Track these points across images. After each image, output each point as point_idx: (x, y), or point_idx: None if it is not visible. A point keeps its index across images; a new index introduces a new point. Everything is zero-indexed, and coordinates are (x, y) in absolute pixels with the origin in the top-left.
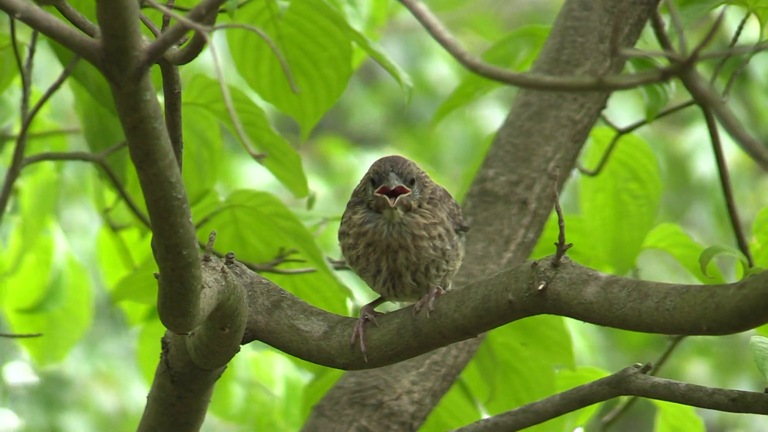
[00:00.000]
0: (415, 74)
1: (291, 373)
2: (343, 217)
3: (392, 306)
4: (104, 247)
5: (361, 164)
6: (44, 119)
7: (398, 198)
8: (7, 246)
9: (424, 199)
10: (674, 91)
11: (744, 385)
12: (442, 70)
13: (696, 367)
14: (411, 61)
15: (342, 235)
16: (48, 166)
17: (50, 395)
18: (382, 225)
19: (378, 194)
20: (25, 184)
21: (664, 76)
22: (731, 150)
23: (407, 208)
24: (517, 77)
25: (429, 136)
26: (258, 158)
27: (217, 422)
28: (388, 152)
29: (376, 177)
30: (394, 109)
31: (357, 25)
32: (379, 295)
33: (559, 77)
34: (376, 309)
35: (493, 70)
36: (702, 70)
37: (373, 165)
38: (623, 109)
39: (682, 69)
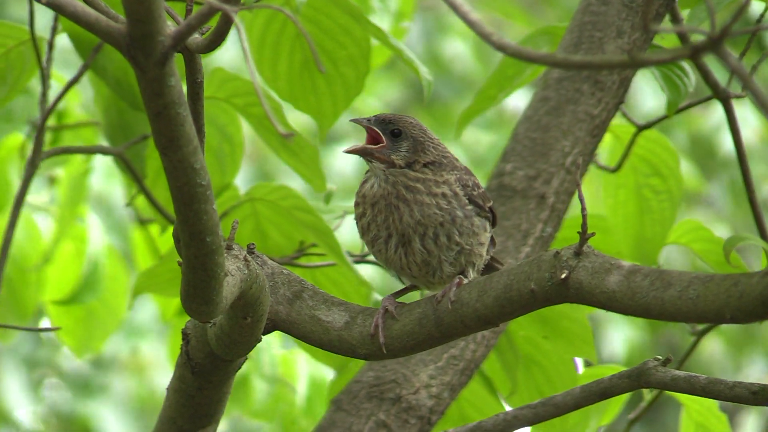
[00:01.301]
0: (431, 52)
1: (315, 371)
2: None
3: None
4: (138, 239)
5: None
6: (76, 111)
7: (358, 146)
8: (46, 237)
9: (420, 161)
10: (694, 85)
11: (759, 362)
12: (458, 48)
13: (711, 344)
14: (428, 38)
15: (355, 207)
16: (80, 156)
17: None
18: (373, 180)
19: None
20: (62, 173)
21: (695, 52)
22: (757, 125)
23: (389, 164)
24: (545, 57)
25: (448, 116)
26: (286, 137)
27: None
28: None
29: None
30: (413, 89)
31: (385, 20)
32: (402, 286)
33: (588, 55)
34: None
35: (521, 50)
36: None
37: None
38: (643, 106)
39: (713, 44)
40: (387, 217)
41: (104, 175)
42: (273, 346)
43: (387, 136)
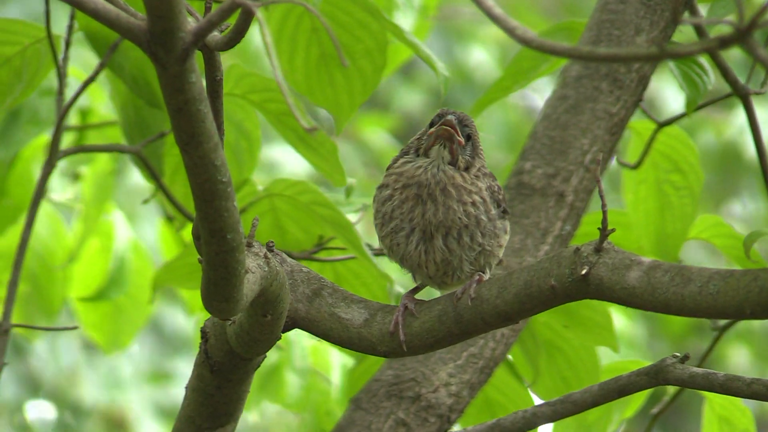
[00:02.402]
0: (452, 62)
1: (347, 361)
2: (385, 176)
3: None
4: (165, 235)
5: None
6: (101, 110)
7: (450, 130)
8: (72, 234)
9: (473, 166)
10: (713, 83)
11: None
12: (480, 57)
13: (737, 354)
14: (448, 49)
15: (381, 189)
16: (105, 154)
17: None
18: (423, 163)
19: (433, 131)
20: (86, 171)
21: (724, 43)
22: None
23: (454, 160)
24: (570, 50)
25: (473, 107)
26: (309, 131)
27: (272, 410)
28: None
29: (436, 119)
30: (434, 95)
31: (410, 15)
32: (416, 285)
33: (611, 47)
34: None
35: (545, 43)
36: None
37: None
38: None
39: (741, 36)
40: (413, 207)
41: (133, 170)
42: (303, 338)
43: (463, 137)
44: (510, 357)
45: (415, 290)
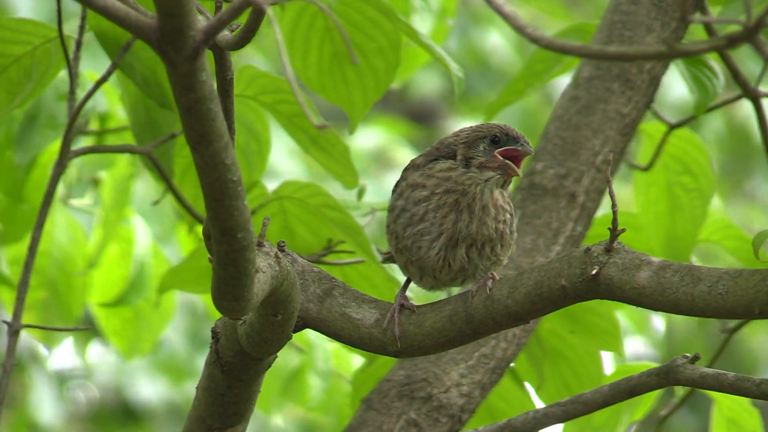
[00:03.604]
0: (468, 45)
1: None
2: (411, 171)
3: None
4: (184, 238)
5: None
6: (119, 115)
7: (515, 167)
8: (92, 239)
9: (509, 182)
10: (723, 85)
11: None
12: (495, 41)
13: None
14: (463, 32)
15: (414, 188)
16: (124, 159)
17: None
18: (475, 175)
19: (500, 155)
20: (105, 176)
21: (731, 42)
22: None
23: (506, 185)
24: (579, 48)
25: (485, 110)
26: (320, 129)
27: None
28: (448, 127)
29: (503, 137)
30: (451, 82)
31: (427, 18)
32: (405, 283)
33: (623, 47)
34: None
35: (555, 42)
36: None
37: (494, 125)
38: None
39: (748, 35)
40: (447, 214)
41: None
42: (325, 340)
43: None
44: (512, 364)
45: (405, 287)
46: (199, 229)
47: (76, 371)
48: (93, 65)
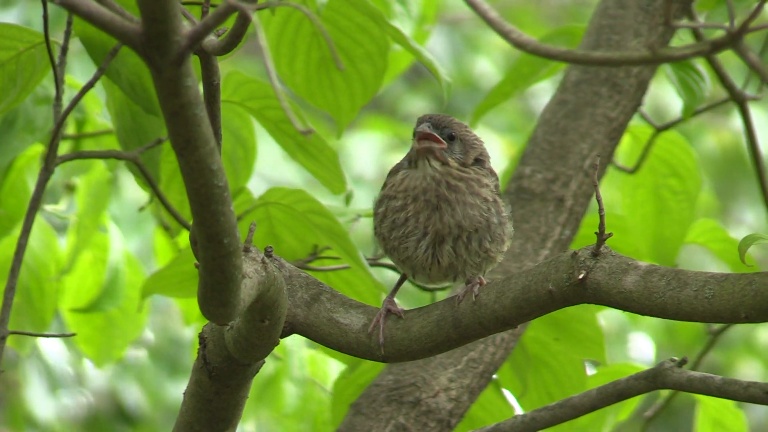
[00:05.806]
0: (459, 68)
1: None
2: (383, 188)
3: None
4: (160, 244)
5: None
6: (97, 119)
7: (426, 143)
8: (65, 245)
9: (468, 161)
10: (710, 89)
11: None
12: (485, 66)
13: (748, 368)
14: (456, 55)
15: (387, 199)
16: (101, 164)
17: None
18: (417, 174)
19: (415, 144)
20: (80, 182)
21: (715, 47)
22: None
23: (443, 162)
24: (565, 53)
25: (474, 112)
26: (305, 134)
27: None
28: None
29: (415, 129)
30: (439, 102)
31: (407, 24)
32: (394, 287)
33: (608, 52)
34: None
35: (540, 47)
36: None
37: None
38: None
39: (732, 40)
40: (430, 215)
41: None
42: (301, 347)
43: (444, 139)
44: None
45: (394, 292)
46: (182, 237)
47: (69, 377)
48: (80, 71)
